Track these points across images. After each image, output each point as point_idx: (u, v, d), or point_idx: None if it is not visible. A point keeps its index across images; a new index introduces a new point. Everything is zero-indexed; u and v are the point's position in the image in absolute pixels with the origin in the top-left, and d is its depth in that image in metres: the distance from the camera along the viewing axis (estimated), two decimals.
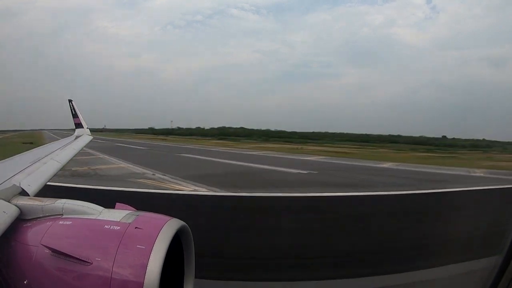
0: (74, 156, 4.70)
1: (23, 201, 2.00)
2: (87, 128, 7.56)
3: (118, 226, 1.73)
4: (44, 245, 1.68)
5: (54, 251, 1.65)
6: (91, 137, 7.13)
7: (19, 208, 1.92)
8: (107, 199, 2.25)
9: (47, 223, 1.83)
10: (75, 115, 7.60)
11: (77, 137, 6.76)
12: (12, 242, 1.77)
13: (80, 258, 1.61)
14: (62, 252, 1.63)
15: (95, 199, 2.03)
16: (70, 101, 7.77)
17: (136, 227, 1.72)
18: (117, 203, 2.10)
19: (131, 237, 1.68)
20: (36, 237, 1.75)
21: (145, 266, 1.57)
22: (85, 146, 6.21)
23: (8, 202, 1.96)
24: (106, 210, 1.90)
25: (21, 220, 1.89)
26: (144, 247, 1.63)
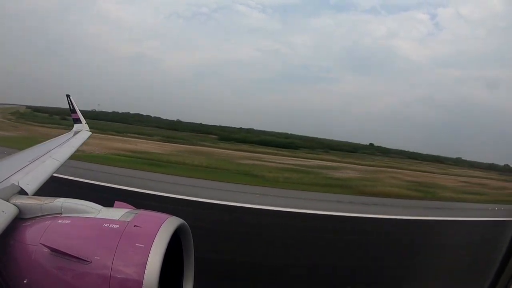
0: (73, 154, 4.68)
1: (22, 200, 1.99)
2: (85, 123, 7.34)
3: (117, 224, 1.73)
4: (43, 244, 1.68)
5: (53, 250, 1.65)
6: (89, 133, 6.94)
7: (18, 207, 1.92)
8: (106, 198, 2.24)
9: (46, 222, 1.83)
10: (73, 111, 7.27)
11: (75, 132, 6.63)
12: (11, 242, 1.77)
13: (79, 257, 1.61)
14: (61, 251, 1.63)
15: (93, 198, 2.03)
16: (68, 96, 7.40)
17: (135, 226, 1.72)
18: (116, 202, 2.10)
19: (130, 235, 1.68)
20: (35, 236, 1.75)
21: (144, 265, 1.57)
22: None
23: (7, 201, 1.96)
24: (105, 208, 1.90)
25: (20, 219, 1.89)
26: (143, 246, 1.63)
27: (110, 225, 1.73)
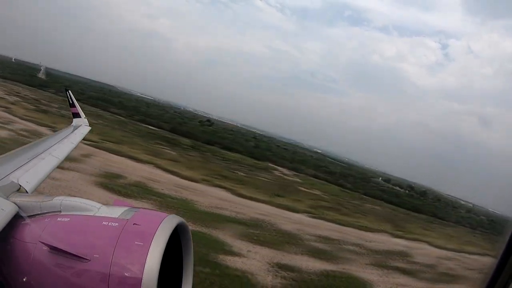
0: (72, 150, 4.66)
1: (21, 198, 1.99)
2: (85, 118, 7.08)
3: (116, 222, 1.73)
4: (42, 242, 1.68)
5: (53, 248, 1.65)
6: (89, 128, 6.86)
7: (17, 205, 1.92)
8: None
9: (45, 220, 1.83)
10: (72, 105, 7.17)
11: (74, 127, 6.58)
12: (10, 240, 1.77)
13: (79, 255, 1.61)
14: (60, 249, 1.64)
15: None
16: (67, 90, 7.30)
17: (134, 224, 1.72)
18: (115, 200, 2.10)
19: (129, 233, 1.68)
20: (34, 234, 1.75)
21: (143, 263, 1.57)
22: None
23: (6, 199, 1.96)
24: (105, 206, 1.90)
25: (19, 217, 1.88)
26: (142, 244, 1.63)
27: (110, 223, 1.73)
